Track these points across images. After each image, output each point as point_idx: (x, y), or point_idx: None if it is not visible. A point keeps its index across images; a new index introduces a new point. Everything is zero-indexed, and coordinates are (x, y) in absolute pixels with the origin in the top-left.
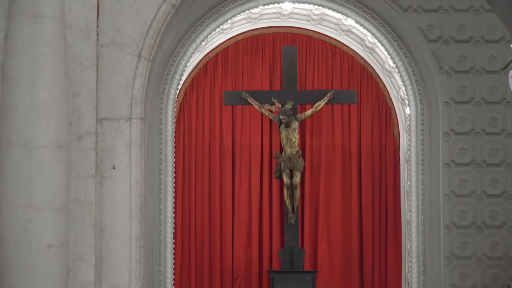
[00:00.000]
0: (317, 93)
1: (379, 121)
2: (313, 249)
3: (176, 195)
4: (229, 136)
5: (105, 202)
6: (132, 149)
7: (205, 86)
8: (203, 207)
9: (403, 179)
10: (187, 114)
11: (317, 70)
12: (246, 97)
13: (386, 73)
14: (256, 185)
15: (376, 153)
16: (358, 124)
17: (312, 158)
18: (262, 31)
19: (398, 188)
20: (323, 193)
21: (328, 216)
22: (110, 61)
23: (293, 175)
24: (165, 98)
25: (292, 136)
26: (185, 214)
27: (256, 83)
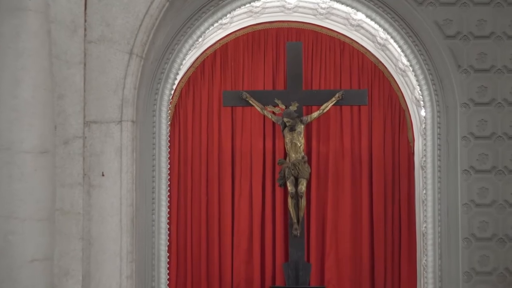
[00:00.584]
0: (324, 93)
1: (391, 124)
2: (320, 264)
3: (171, 205)
4: (228, 141)
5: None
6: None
7: (202, 86)
8: (200, 218)
9: (418, 187)
10: (182, 117)
11: (324, 68)
12: (247, 98)
13: (400, 72)
14: (257, 194)
15: (389, 159)
16: (369, 127)
17: (319, 165)
18: (264, 26)
19: (413, 197)
20: (331, 202)
21: (337, 227)
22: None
23: (298, 183)
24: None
25: (297, 141)
26: (180, 225)
27: (257, 83)
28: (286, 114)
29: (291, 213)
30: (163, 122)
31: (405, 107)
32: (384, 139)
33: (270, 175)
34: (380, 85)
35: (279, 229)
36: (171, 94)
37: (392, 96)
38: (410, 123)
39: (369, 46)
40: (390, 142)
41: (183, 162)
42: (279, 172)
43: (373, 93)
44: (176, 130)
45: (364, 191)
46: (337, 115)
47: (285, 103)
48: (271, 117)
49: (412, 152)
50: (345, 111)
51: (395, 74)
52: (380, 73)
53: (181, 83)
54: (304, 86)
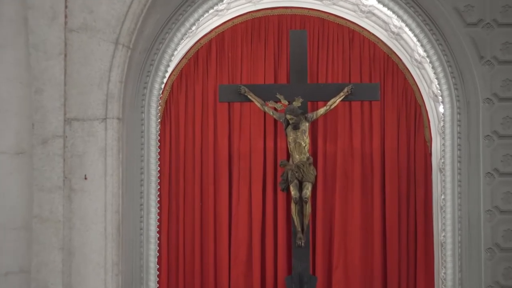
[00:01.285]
0: (332, 87)
1: (406, 122)
2: (326, 277)
3: (161, 211)
4: (225, 140)
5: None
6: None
7: (196, 79)
8: (194, 226)
9: (436, 192)
10: (174, 114)
11: (331, 60)
12: (245, 93)
13: (415, 63)
14: (257, 199)
15: (403, 161)
16: (381, 125)
17: (325, 167)
18: (265, 13)
19: (430, 203)
20: (339, 208)
21: (345, 236)
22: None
23: (303, 187)
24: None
25: (302, 140)
26: (171, 234)
27: (257, 76)
28: (289, 110)
29: (294, 220)
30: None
31: (421, 103)
32: (398, 139)
33: (271, 179)
34: (393, 78)
35: (281, 239)
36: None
37: (407, 90)
38: (427, 120)
39: (381, 35)
40: (404, 142)
41: (175, 164)
42: (281, 175)
43: (385, 87)
44: (167, 129)
45: (376, 196)
46: (346, 112)
47: (288, 99)
48: (273, 114)
49: (429, 152)
50: (355, 107)
51: (411, 66)
52: (393, 65)
53: (172, 76)
54: (309, 79)
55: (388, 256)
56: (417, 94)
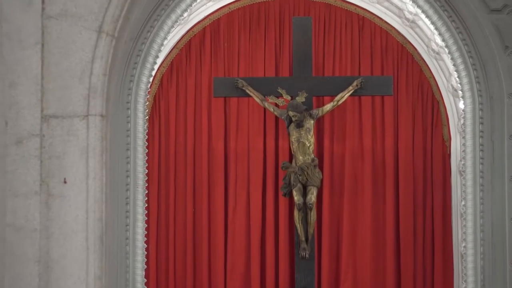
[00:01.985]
0: (339, 81)
1: (422, 119)
2: None
3: (149, 219)
4: (220, 140)
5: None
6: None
7: (188, 71)
8: (186, 235)
9: (456, 198)
10: (164, 110)
11: (339, 50)
12: (243, 87)
13: (433, 54)
14: (256, 206)
15: (419, 163)
16: (394, 123)
17: (332, 169)
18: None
19: (449, 209)
20: (348, 216)
21: (355, 247)
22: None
23: (307, 192)
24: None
25: (306, 140)
26: (161, 244)
27: (257, 68)
28: (292, 106)
29: (298, 229)
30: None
31: (439, 98)
32: (413, 138)
33: (272, 182)
34: (408, 70)
35: (283, 249)
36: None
37: (423, 84)
38: (445, 118)
39: (394, 23)
40: (420, 142)
41: (165, 166)
42: (283, 179)
43: (399, 80)
44: (156, 127)
45: (389, 202)
46: (355, 108)
47: (291, 93)
48: (273, 111)
49: (448, 153)
50: (365, 103)
51: (427, 57)
52: (408, 56)
53: (162, 68)
54: (314, 71)
55: (402, 269)
56: (435, 88)
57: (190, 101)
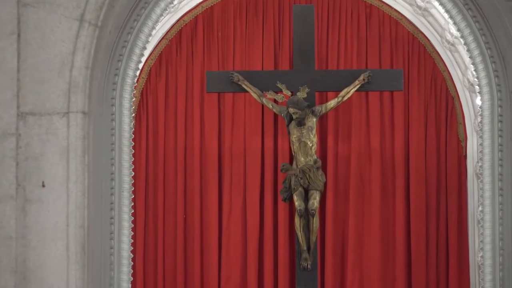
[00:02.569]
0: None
1: (436, 117)
2: None
3: (136, 226)
4: (214, 139)
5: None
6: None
7: (178, 64)
8: (176, 244)
9: (472, 203)
10: (152, 107)
11: (344, 41)
12: (239, 81)
13: (447, 45)
14: (253, 212)
15: (432, 164)
16: (405, 121)
17: (337, 172)
18: None
19: (465, 216)
20: (354, 222)
21: (361, 257)
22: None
23: (309, 196)
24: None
25: (308, 139)
26: (148, 254)
27: (254, 61)
28: (292, 103)
29: (299, 237)
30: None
31: (454, 94)
32: (425, 137)
33: (270, 186)
34: (420, 63)
35: (283, 259)
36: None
37: (436, 78)
38: (461, 115)
39: (405, 11)
40: (433, 141)
41: (153, 168)
42: (282, 182)
43: (410, 74)
44: (144, 125)
45: (399, 208)
46: (362, 105)
47: (291, 88)
48: (272, 107)
49: (464, 154)
50: (373, 99)
51: (441, 48)
52: (420, 47)
53: (149, 60)
54: (316, 65)
55: (414, 281)
56: (449, 83)
57: (181, 97)
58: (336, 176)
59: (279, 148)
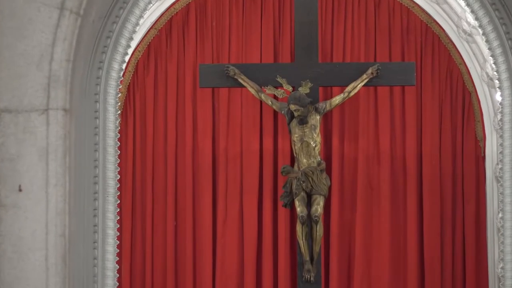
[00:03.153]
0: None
1: (451, 114)
2: None
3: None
4: (207, 139)
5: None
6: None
7: (169, 57)
8: (166, 254)
9: (491, 209)
10: (140, 103)
11: (350, 30)
12: (235, 75)
13: (464, 36)
14: (251, 219)
15: (447, 167)
16: (417, 119)
17: (342, 175)
18: None
19: (483, 223)
20: (361, 230)
21: (370, 268)
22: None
23: (312, 202)
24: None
25: (310, 139)
26: (135, 265)
27: (251, 53)
28: (294, 99)
29: (301, 246)
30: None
31: (471, 89)
32: (440, 137)
33: (269, 191)
34: (434, 55)
35: (283, 271)
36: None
37: (452, 72)
38: (479, 112)
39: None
40: (449, 141)
41: (140, 171)
42: (283, 186)
43: (423, 67)
44: (130, 123)
45: (411, 215)
46: (370, 101)
47: (293, 83)
48: (272, 104)
49: (482, 155)
50: (382, 95)
51: (457, 39)
52: (434, 37)
53: (137, 52)
54: (320, 57)
55: None
56: (466, 77)
57: (171, 93)
58: (342, 180)
59: (279, 149)
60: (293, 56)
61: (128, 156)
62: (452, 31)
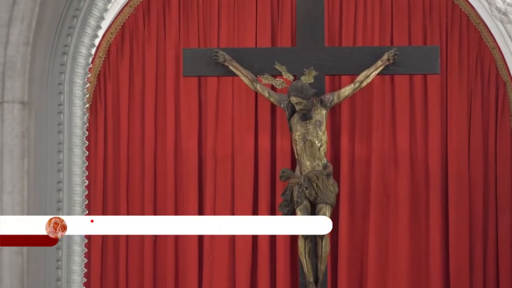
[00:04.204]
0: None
1: (482, 108)
2: None
3: (91, 250)
4: (193, 137)
5: None
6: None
7: (147, 40)
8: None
9: None
10: (112, 95)
11: (363, 9)
12: (225, 62)
13: (498, 15)
14: None
15: (477, 169)
16: (442, 114)
17: (353, 179)
18: None
19: None
20: (375, 245)
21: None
22: None
23: (317, 212)
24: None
25: (315, 137)
26: (107, 287)
27: (245, 35)
28: (295, 90)
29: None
30: (76, 105)
31: (506, 78)
32: (469, 134)
33: (266, 199)
34: (462, 38)
35: None
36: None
37: (483, 58)
38: None
39: None
40: (479, 140)
41: (113, 175)
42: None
43: (449, 52)
44: (101, 119)
45: (434, 225)
46: (386, 92)
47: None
48: (269, 96)
49: None
50: (400, 85)
51: (489, 19)
52: (462, 17)
53: (109, 34)
54: (327, 40)
55: None
56: (500, 64)
57: (150, 83)
58: (352, 186)
59: (277, 149)
60: (294, 39)
61: (98, 158)
62: (483, 9)
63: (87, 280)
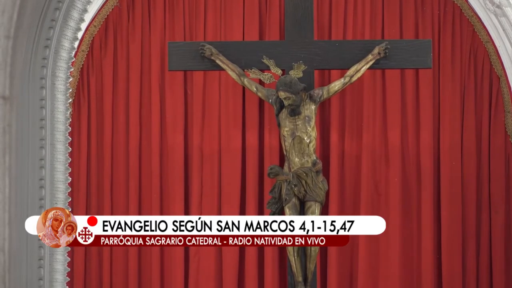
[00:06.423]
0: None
1: (476, 104)
2: None
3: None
4: (178, 133)
5: None
6: None
7: (131, 33)
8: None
9: None
10: (96, 90)
11: (352, 2)
12: (212, 56)
13: (491, 8)
14: None
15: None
16: (434, 109)
17: (343, 176)
18: None
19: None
20: (366, 245)
21: None
22: None
23: (306, 210)
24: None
25: (304, 133)
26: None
27: (232, 28)
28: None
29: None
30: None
31: (500, 73)
32: (461, 131)
33: (254, 196)
34: (455, 31)
35: None
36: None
37: (477, 52)
38: (509, 101)
39: None
40: (472, 136)
41: (96, 173)
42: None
43: (442, 46)
44: (84, 114)
45: (426, 225)
46: (377, 87)
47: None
48: (257, 91)
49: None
50: (392, 80)
51: (483, 11)
52: (455, 9)
53: (92, 27)
54: (316, 34)
55: None
56: (494, 58)
57: (134, 77)
58: (342, 183)
59: (265, 146)
60: (283, 32)
61: (81, 155)
62: (477, 1)
63: (70, 279)
